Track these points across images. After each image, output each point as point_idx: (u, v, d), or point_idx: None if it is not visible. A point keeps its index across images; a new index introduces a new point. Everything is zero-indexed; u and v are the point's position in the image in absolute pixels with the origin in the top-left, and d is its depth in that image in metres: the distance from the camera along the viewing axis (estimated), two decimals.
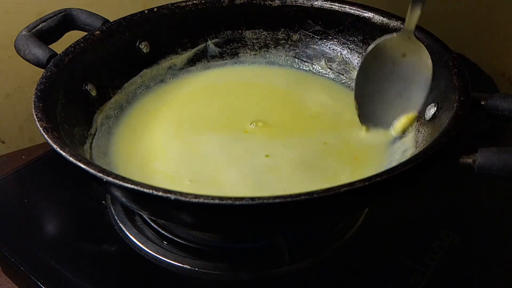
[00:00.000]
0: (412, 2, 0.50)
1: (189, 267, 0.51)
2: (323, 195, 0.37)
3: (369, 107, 0.55)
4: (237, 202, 0.37)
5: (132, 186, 0.39)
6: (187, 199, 0.37)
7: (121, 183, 0.39)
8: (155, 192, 0.38)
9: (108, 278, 0.51)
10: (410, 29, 0.52)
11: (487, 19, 0.66)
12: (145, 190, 0.38)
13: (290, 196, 0.37)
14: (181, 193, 0.38)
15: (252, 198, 0.37)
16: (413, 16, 0.51)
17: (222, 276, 0.50)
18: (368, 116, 0.55)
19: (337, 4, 0.61)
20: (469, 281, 0.51)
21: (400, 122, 0.54)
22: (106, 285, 0.50)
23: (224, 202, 0.37)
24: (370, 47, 0.53)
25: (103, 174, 0.40)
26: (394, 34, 0.53)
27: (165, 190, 0.38)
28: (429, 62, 0.52)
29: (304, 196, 0.37)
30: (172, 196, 0.38)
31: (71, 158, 0.41)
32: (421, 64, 0.53)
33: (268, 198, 0.37)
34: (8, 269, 0.55)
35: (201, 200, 0.37)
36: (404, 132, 0.54)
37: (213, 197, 0.37)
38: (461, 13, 0.67)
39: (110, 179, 0.39)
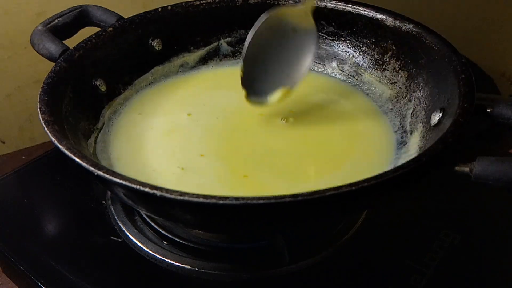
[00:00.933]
0: None
1: (189, 267, 0.51)
2: (308, 197, 0.37)
3: (254, 73, 0.55)
4: (221, 202, 0.37)
5: (121, 182, 0.39)
6: (172, 196, 0.38)
7: (111, 177, 0.39)
8: (141, 188, 0.38)
9: (108, 278, 0.51)
10: (311, 3, 0.53)
11: (487, 19, 0.64)
12: (133, 185, 0.39)
13: (274, 197, 0.37)
14: (167, 190, 0.38)
15: (236, 198, 0.37)
16: None
17: (222, 276, 0.50)
18: (250, 82, 0.55)
19: (350, 5, 0.61)
20: (469, 281, 0.50)
21: (276, 95, 0.56)
22: (106, 285, 0.50)
23: (208, 201, 0.37)
24: (269, 13, 0.53)
25: (94, 168, 0.40)
26: (296, 6, 0.55)
27: (152, 186, 0.38)
28: (313, 46, 0.55)
29: (288, 198, 0.37)
30: (158, 193, 0.38)
31: (66, 151, 0.42)
32: (306, 45, 0.55)
33: (252, 198, 0.37)
34: (8, 269, 0.55)
35: (186, 198, 0.37)
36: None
37: (198, 195, 0.37)
38: (461, 13, 0.65)
39: (100, 173, 0.40)
